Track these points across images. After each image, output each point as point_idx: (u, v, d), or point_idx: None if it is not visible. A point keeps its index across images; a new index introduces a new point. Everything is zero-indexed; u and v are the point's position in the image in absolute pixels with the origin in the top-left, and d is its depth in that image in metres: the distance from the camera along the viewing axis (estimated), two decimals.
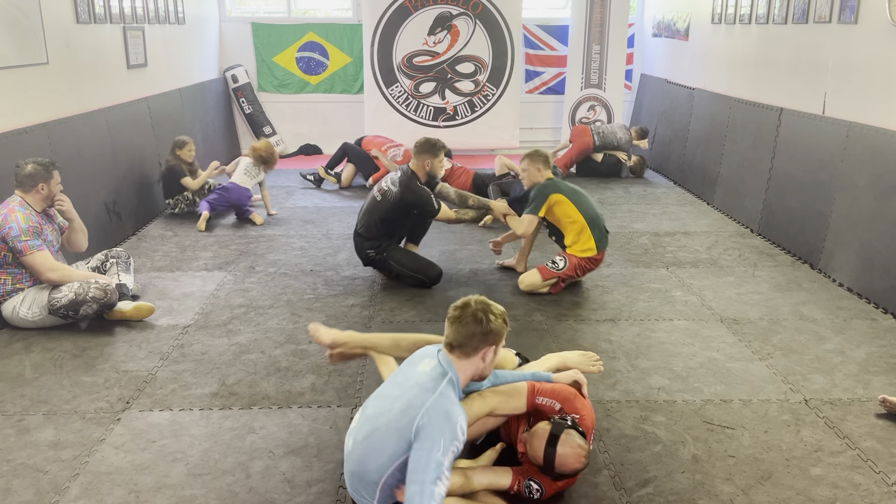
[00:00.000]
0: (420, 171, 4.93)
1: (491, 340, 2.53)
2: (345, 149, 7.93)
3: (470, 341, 2.50)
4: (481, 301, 2.55)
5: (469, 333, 2.49)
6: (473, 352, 2.52)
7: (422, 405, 2.36)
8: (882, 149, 4.72)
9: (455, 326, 2.51)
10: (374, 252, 4.97)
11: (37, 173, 4.15)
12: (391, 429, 2.39)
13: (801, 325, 4.37)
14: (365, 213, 5.01)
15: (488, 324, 2.49)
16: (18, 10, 4.85)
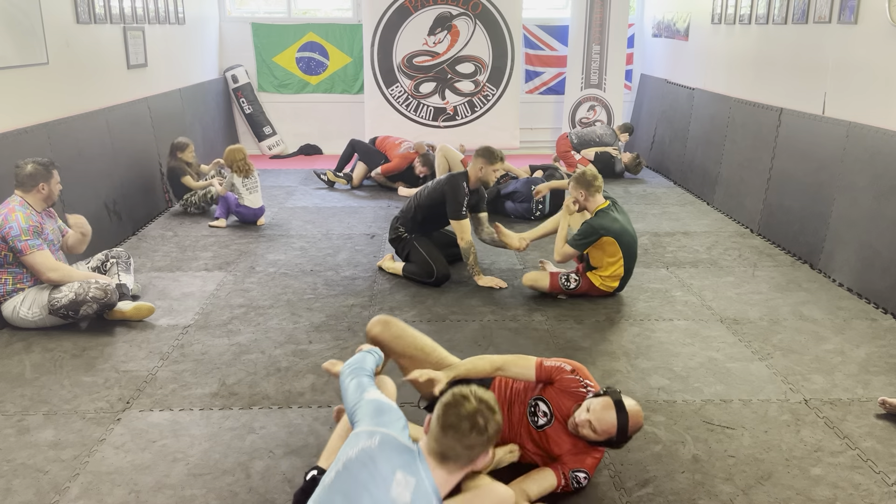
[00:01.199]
0: (473, 174, 5.00)
1: (490, 445, 2.15)
2: (353, 145, 7.93)
3: (469, 452, 2.10)
4: (480, 398, 2.13)
5: (469, 444, 2.08)
6: (468, 462, 2.13)
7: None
8: (882, 149, 4.72)
9: (451, 435, 2.07)
10: (403, 229, 5.17)
11: (37, 173, 4.15)
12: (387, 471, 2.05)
13: (801, 325, 4.37)
14: (413, 197, 5.26)
15: (491, 428, 2.11)
16: (18, 10, 4.85)
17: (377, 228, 6.30)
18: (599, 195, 4.63)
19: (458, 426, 2.07)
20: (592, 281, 4.69)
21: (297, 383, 3.62)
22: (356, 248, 5.82)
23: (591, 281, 4.69)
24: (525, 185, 6.75)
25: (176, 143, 6.69)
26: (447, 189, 4.98)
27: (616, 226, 4.55)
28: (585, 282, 4.71)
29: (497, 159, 4.93)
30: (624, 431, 2.63)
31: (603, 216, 4.57)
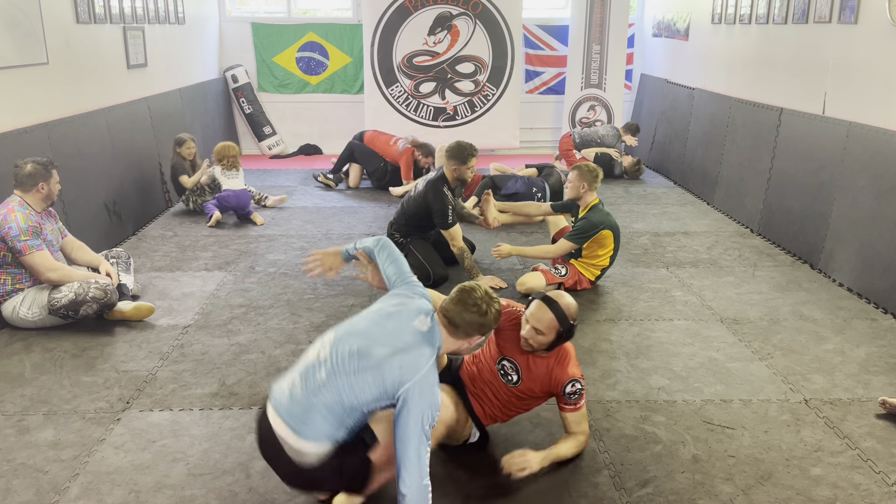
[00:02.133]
0: (449, 175, 5.02)
1: (483, 331, 2.65)
2: (352, 148, 7.90)
3: (466, 326, 2.60)
4: (487, 294, 2.65)
5: (468, 320, 2.59)
6: (464, 335, 2.63)
7: (413, 373, 2.46)
8: (882, 149, 4.72)
9: (458, 307, 2.60)
10: (399, 234, 5.20)
11: (36, 173, 4.15)
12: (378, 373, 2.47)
13: (801, 325, 4.37)
14: (400, 205, 5.32)
15: (487, 316, 2.61)
16: (18, 10, 4.85)
17: (377, 228, 6.30)
18: (595, 192, 4.85)
19: (466, 301, 2.59)
20: (577, 268, 4.84)
21: None
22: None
23: (576, 268, 4.85)
24: (526, 185, 6.75)
25: (176, 139, 6.71)
26: (430, 199, 4.95)
27: (611, 219, 4.81)
28: (571, 269, 4.84)
29: (469, 156, 4.93)
30: (564, 317, 2.84)
31: (598, 211, 4.79)
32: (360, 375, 2.48)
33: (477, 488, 2.83)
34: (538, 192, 6.69)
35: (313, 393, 2.51)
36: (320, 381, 2.51)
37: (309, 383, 2.53)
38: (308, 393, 2.51)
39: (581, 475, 2.90)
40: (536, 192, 6.69)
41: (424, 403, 2.44)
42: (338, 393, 2.48)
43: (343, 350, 2.54)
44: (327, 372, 2.52)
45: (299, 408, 2.50)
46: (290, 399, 2.54)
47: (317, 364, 2.56)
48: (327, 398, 2.49)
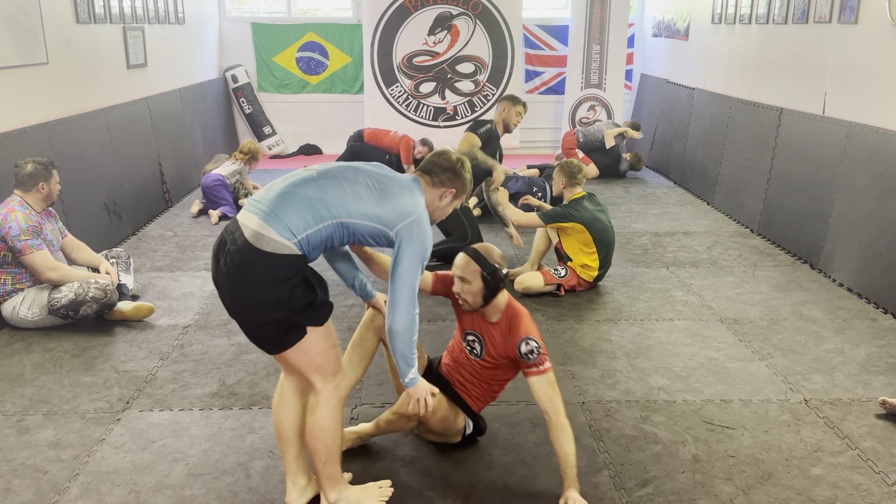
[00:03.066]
0: (497, 116, 5.45)
1: (457, 185, 2.69)
2: (352, 150, 7.88)
3: (441, 172, 2.66)
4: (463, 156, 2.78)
5: (443, 165, 2.66)
6: (440, 184, 2.66)
7: (410, 211, 2.47)
8: (882, 149, 4.72)
9: (433, 157, 2.71)
10: None
11: (37, 173, 4.15)
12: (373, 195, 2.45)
13: (801, 325, 4.37)
14: None
15: (461, 169, 2.70)
16: (18, 10, 4.85)
17: None
18: (578, 188, 4.92)
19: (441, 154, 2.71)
20: (574, 270, 4.85)
21: None
22: None
23: (574, 270, 4.85)
24: (527, 185, 6.75)
25: None
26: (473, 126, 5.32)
27: (585, 214, 4.79)
28: (571, 272, 4.85)
29: (518, 101, 5.42)
30: (484, 260, 2.83)
31: (577, 204, 4.84)
32: (356, 185, 2.45)
33: (477, 488, 2.83)
34: (539, 192, 6.69)
35: (297, 184, 2.42)
36: (308, 176, 2.46)
37: (293, 178, 2.46)
38: (290, 184, 2.42)
39: (581, 475, 2.90)
40: (537, 191, 6.70)
41: (421, 240, 2.46)
42: (324, 190, 2.41)
43: (337, 168, 2.52)
44: (320, 174, 2.47)
45: (274, 195, 2.39)
46: (267, 192, 2.43)
47: (304, 171, 2.50)
48: (310, 192, 2.40)
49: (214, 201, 6.61)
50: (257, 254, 2.32)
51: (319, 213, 2.38)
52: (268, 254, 2.32)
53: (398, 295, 2.44)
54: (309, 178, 2.45)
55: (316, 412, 2.52)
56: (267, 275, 2.34)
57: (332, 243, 2.46)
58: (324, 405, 2.51)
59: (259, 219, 2.35)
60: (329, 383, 2.51)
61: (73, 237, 4.52)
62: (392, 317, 2.44)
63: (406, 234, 2.44)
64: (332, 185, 2.44)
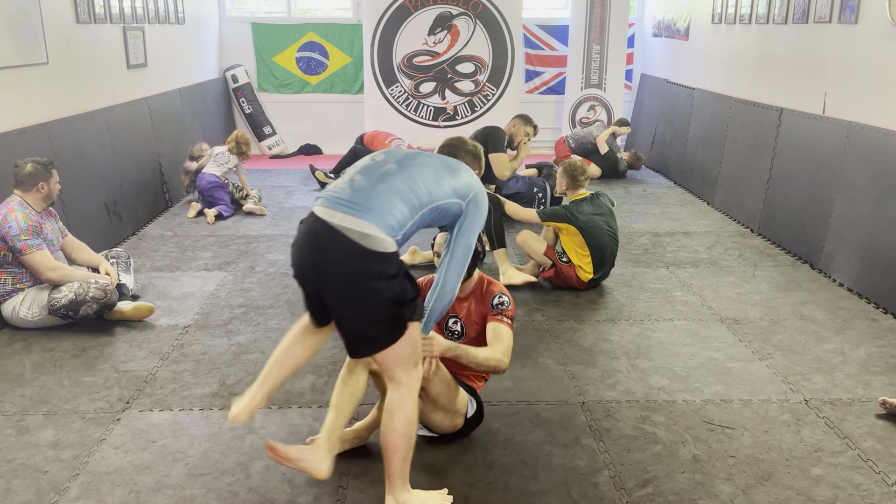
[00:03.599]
0: (507, 128, 5.94)
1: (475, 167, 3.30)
2: (354, 151, 7.89)
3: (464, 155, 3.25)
4: None
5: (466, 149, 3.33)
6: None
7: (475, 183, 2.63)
8: (882, 149, 4.72)
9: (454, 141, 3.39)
10: None
11: (36, 172, 4.15)
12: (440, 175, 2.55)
13: (802, 325, 4.36)
14: None
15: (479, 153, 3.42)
16: (18, 10, 4.85)
17: None
18: (581, 189, 4.96)
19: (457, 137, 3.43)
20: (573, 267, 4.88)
21: (297, 383, 3.62)
22: None
23: (574, 263, 4.88)
24: (527, 185, 6.76)
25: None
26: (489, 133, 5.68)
27: (581, 217, 4.81)
28: (572, 265, 4.87)
29: (530, 122, 5.96)
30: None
31: (574, 206, 4.88)
32: (429, 168, 2.54)
33: (477, 488, 2.83)
34: (539, 192, 6.70)
35: (381, 180, 2.46)
36: (389, 170, 2.50)
37: (374, 174, 2.48)
38: (375, 181, 2.45)
39: (581, 475, 2.90)
40: (538, 191, 6.70)
41: (483, 211, 2.61)
42: (411, 178, 2.47)
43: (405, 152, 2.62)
44: (397, 163, 2.53)
45: (364, 194, 2.41)
46: (351, 190, 2.43)
47: (376, 163, 2.55)
48: (398, 184, 2.45)
49: (210, 202, 6.63)
50: (368, 254, 2.34)
51: (412, 203, 2.45)
52: (378, 253, 2.35)
53: (458, 260, 2.55)
54: (392, 173, 2.49)
55: (403, 406, 2.51)
56: (380, 273, 2.37)
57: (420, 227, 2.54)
58: (408, 398, 2.52)
59: (357, 218, 2.35)
60: (413, 375, 2.54)
61: (73, 237, 4.52)
62: (447, 279, 2.55)
63: (474, 203, 2.58)
64: (417, 170, 2.52)
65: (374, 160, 2.56)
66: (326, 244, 2.36)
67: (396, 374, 2.51)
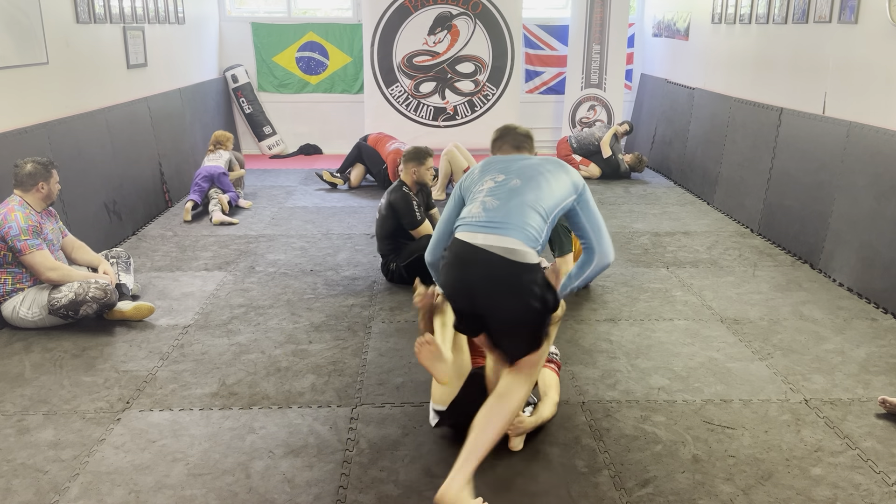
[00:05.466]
0: (409, 181, 5.10)
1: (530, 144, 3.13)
2: (359, 148, 7.90)
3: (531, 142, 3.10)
4: None
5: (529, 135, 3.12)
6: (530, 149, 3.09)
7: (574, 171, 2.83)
8: (882, 149, 4.72)
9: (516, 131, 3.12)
10: (394, 265, 5.00)
11: (37, 172, 4.15)
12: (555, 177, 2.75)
13: (802, 325, 4.37)
14: (376, 233, 5.18)
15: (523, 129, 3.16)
16: (18, 10, 4.85)
17: None
18: None
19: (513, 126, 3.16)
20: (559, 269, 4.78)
21: (297, 383, 3.62)
22: (356, 248, 5.82)
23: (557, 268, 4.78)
24: None
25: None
26: (396, 205, 4.94)
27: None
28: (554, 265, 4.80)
29: (425, 157, 5.07)
30: None
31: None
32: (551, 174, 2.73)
33: (478, 487, 2.83)
34: None
35: (510, 196, 2.66)
36: (515, 187, 2.69)
37: (502, 193, 2.69)
38: (504, 199, 2.66)
39: (581, 475, 2.91)
40: None
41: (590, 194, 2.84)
42: (538, 188, 2.68)
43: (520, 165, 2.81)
44: (519, 178, 2.72)
45: (500, 213, 2.62)
46: (485, 212, 2.66)
47: (500, 183, 2.73)
48: (528, 196, 2.66)
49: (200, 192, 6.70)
50: (515, 267, 2.56)
51: (542, 211, 2.66)
52: (524, 265, 2.57)
53: (603, 232, 2.78)
54: (518, 188, 2.69)
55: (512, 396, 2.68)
56: (530, 283, 2.59)
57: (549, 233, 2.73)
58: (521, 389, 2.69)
59: (500, 236, 2.58)
60: (534, 374, 2.77)
61: (73, 237, 4.53)
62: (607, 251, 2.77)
63: (584, 190, 2.81)
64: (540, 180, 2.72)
65: (496, 181, 2.75)
66: (475, 263, 2.59)
67: (524, 370, 2.72)
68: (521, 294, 2.57)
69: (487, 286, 2.59)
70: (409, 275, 4.87)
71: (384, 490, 2.80)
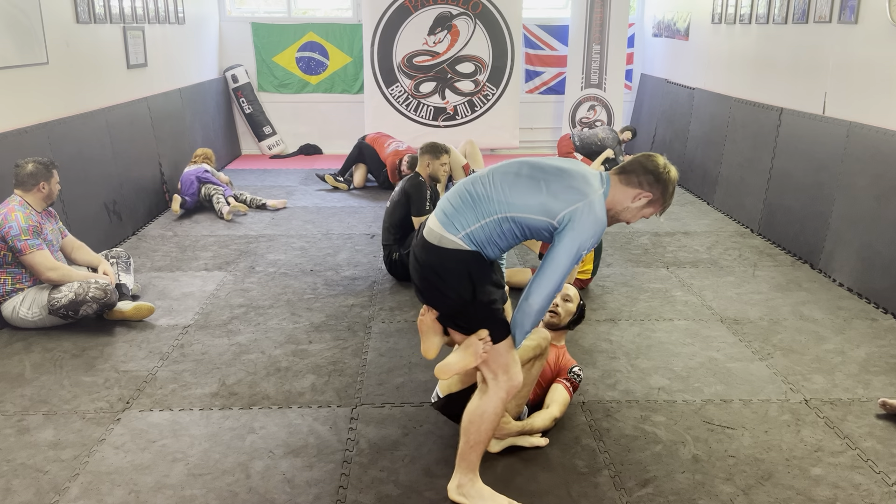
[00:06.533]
0: (423, 172, 5.14)
1: (654, 191, 2.54)
2: (360, 147, 7.89)
3: (642, 174, 2.53)
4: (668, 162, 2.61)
5: (647, 167, 2.53)
6: (636, 185, 2.54)
7: (578, 197, 2.45)
8: (882, 149, 4.72)
9: (641, 158, 2.57)
10: (396, 255, 5.03)
11: (38, 172, 4.15)
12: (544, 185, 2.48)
13: (802, 325, 4.37)
14: (383, 224, 5.21)
15: (666, 176, 2.53)
16: (18, 10, 4.85)
17: (377, 228, 6.30)
18: None
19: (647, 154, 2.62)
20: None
21: (297, 383, 3.62)
22: (356, 248, 5.82)
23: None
24: None
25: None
26: (410, 191, 5.02)
27: None
28: None
29: (441, 152, 5.10)
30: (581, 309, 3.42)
31: None
32: (523, 179, 2.51)
33: None
34: None
35: (468, 182, 2.60)
36: (479, 176, 2.61)
37: (468, 180, 2.63)
38: (463, 184, 2.61)
39: (581, 475, 2.91)
40: None
41: (589, 227, 2.44)
42: (492, 187, 2.52)
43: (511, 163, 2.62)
44: (490, 172, 2.60)
45: (451, 198, 2.59)
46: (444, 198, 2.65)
47: (480, 172, 2.66)
48: (478, 190, 2.54)
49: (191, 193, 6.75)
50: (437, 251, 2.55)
51: (480, 211, 2.51)
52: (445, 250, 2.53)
53: (546, 275, 2.46)
54: (479, 178, 2.60)
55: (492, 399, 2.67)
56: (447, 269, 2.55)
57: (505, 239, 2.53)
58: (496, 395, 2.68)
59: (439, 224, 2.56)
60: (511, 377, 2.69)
61: (73, 237, 4.52)
62: (531, 292, 2.49)
63: (570, 218, 2.43)
64: (503, 179, 2.54)
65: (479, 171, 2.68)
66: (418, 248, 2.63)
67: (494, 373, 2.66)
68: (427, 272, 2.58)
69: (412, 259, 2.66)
70: None
71: (384, 490, 2.80)
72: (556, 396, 3.22)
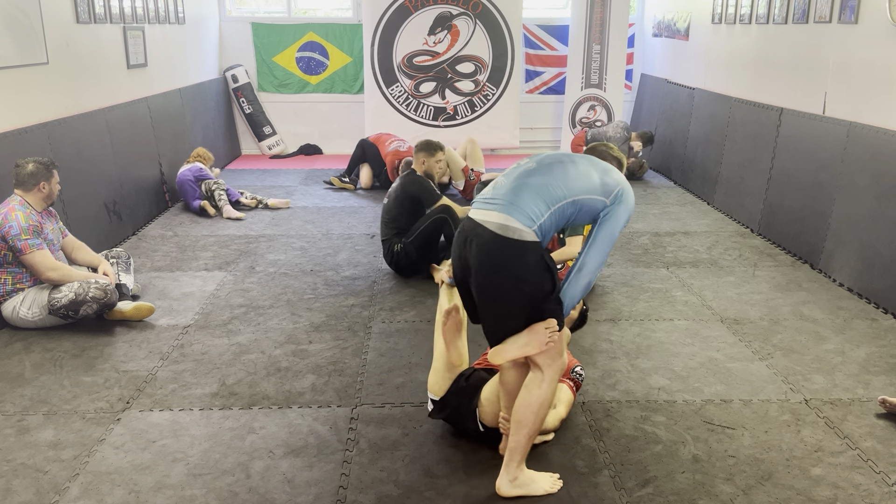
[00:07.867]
0: (418, 169, 5.21)
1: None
2: (363, 147, 7.89)
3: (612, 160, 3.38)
4: None
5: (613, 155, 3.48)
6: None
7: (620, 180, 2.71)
8: (882, 149, 4.72)
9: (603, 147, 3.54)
10: (398, 246, 5.07)
11: (38, 172, 4.15)
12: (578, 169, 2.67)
13: (802, 325, 4.36)
14: (381, 220, 5.26)
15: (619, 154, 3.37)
16: (18, 10, 4.85)
17: (377, 228, 6.30)
18: None
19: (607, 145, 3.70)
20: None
21: (297, 383, 3.62)
22: (356, 248, 5.82)
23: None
24: None
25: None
26: (414, 189, 5.08)
27: None
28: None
29: (436, 149, 5.18)
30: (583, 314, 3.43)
31: None
32: (572, 165, 2.67)
33: (478, 487, 2.83)
34: None
35: (521, 177, 2.64)
36: (529, 168, 2.67)
37: (515, 173, 2.68)
38: (514, 178, 2.65)
39: (581, 475, 2.91)
40: None
41: (632, 200, 2.69)
42: (549, 175, 2.62)
43: (547, 156, 2.73)
44: (537, 162, 2.69)
45: (505, 191, 2.62)
46: (493, 190, 2.67)
47: (521, 163, 2.72)
48: (536, 180, 2.61)
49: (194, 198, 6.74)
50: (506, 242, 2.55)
51: (547, 201, 2.58)
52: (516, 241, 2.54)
53: (600, 246, 2.64)
54: (531, 170, 2.66)
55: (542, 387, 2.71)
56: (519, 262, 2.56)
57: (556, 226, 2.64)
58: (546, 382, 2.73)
59: (501, 213, 2.57)
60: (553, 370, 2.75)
61: (73, 237, 4.53)
62: (585, 263, 2.64)
63: (622, 192, 2.67)
64: (556, 168, 2.66)
65: (519, 164, 2.74)
66: (471, 237, 2.62)
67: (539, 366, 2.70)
68: (506, 270, 2.56)
69: (477, 259, 2.59)
70: (416, 250, 5.02)
71: (384, 490, 2.80)
72: (562, 396, 3.22)
